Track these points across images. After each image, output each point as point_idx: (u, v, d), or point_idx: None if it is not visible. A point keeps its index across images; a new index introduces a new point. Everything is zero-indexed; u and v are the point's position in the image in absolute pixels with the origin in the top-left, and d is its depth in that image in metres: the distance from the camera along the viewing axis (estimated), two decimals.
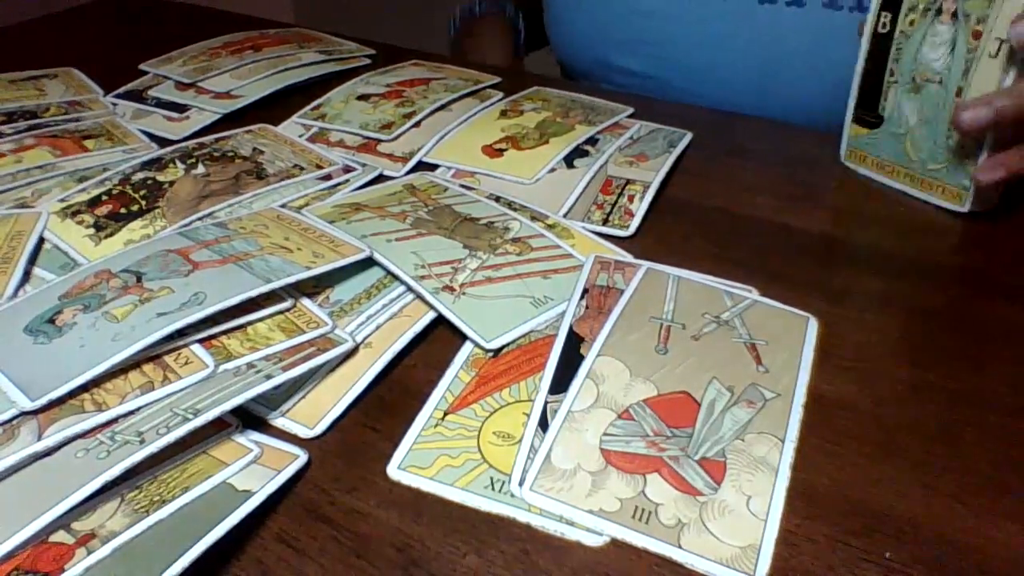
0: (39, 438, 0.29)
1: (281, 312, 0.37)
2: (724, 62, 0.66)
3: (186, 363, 0.33)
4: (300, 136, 0.57)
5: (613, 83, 0.73)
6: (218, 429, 0.32)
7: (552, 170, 0.52)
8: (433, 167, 0.53)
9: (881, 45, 0.48)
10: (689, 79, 0.68)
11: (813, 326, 0.38)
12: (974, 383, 0.35)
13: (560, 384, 0.34)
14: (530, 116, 0.58)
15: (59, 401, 0.31)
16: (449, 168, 0.53)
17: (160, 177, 0.50)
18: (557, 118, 0.58)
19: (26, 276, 0.41)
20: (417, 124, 0.58)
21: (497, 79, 0.65)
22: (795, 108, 0.64)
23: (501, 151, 0.54)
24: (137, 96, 0.63)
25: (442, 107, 0.60)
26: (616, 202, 0.48)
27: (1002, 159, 0.43)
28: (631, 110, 0.59)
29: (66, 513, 0.27)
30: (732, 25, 0.65)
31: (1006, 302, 0.40)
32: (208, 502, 0.29)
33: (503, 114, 0.59)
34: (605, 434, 0.32)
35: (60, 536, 0.27)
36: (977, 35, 0.42)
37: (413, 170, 0.53)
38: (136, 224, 0.45)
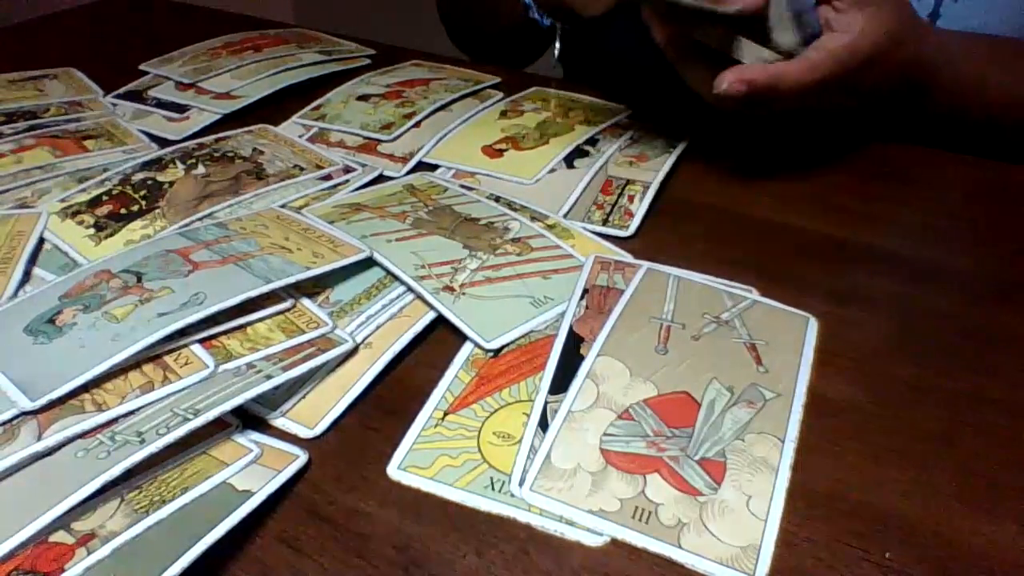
0: (39, 438, 0.29)
1: (281, 312, 0.37)
2: None
3: (186, 363, 0.33)
4: (300, 136, 0.57)
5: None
6: (218, 429, 0.32)
7: (552, 170, 0.52)
8: (433, 167, 0.53)
9: None
10: None
11: (813, 326, 0.38)
12: (974, 383, 0.35)
13: (560, 384, 0.34)
14: (530, 116, 0.58)
15: (59, 401, 0.31)
16: (449, 168, 0.53)
17: (160, 177, 0.50)
18: (557, 118, 0.58)
19: (26, 276, 0.41)
20: (417, 124, 0.58)
21: (497, 79, 0.65)
22: None
23: (501, 151, 0.54)
24: (137, 96, 0.63)
25: (442, 107, 0.60)
26: (616, 202, 0.48)
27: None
28: (631, 110, 0.59)
29: (66, 513, 0.27)
30: None
31: (1006, 302, 0.40)
32: (208, 502, 0.29)
33: (503, 114, 0.59)
34: (605, 434, 0.32)
35: (60, 536, 0.27)
36: None
37: (413, 170, 0.53)
38: (136, 224, 0.45)
